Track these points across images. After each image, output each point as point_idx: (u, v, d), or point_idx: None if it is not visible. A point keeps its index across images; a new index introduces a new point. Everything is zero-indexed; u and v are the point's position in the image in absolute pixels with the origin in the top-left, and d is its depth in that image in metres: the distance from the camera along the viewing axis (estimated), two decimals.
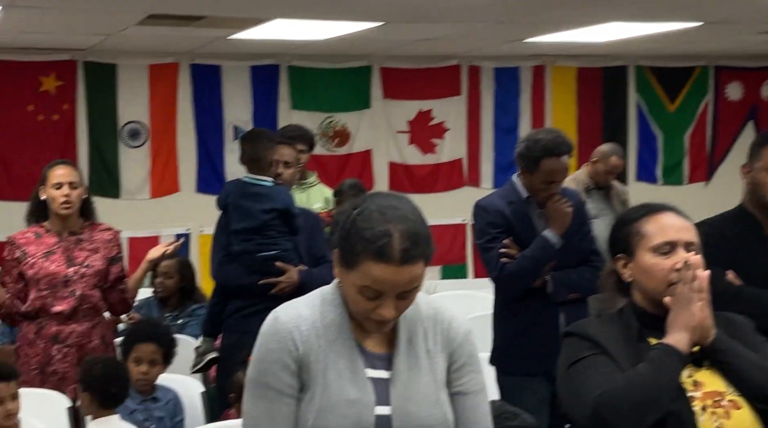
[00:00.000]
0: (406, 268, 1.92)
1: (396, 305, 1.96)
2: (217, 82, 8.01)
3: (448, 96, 8.61)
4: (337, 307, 2.05)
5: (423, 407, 2.01)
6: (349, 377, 2.00)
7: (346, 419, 1.97)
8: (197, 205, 7.74)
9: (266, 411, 2.01)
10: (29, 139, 7.47)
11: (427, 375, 2.05)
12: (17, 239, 4.12)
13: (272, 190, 4.28)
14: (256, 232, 4.23)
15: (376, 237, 1.91)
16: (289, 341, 2.01)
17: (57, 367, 4.00)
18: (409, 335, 2.06)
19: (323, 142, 8.19)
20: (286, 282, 4.19)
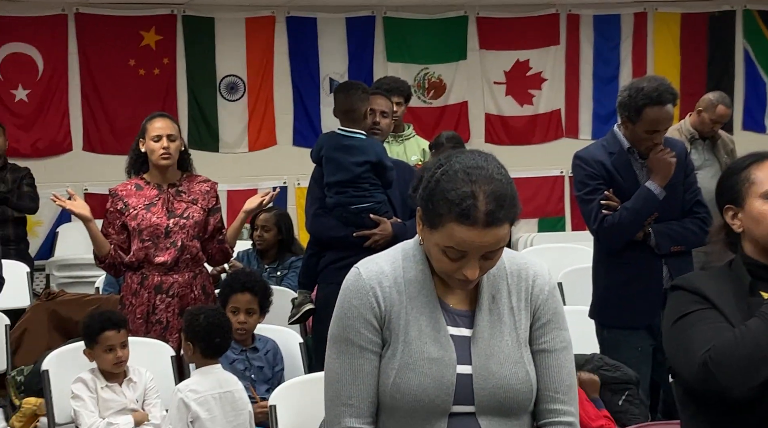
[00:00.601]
0: (491, 231, 1.88)
1: (480, 265, 1.92)
2: (312, 35, 8.00)
3: (546, 45, 8.42)
4: (418, 263, 2.02)
5: (505, 365, 1.98)
6: (430, 335, 1.97)
7: (427, 377, 1.94)
8: (294, 157, 7.79)
9: (349, 366, 1.99)
10: (131, 93, 7.61)
11: (510, 333, 2.01)
12: (119, 191, 4.19)
13: (365, 143, 4.26)
14: (349, 185, 4.22)
15: (461, 199, 1.87)
16: (371, 297, 1.99)
17: (160, 317, 4.08)
18: (492, 292, 2.03)
19: (419, 94, 8.14)
20: (380, 235, 4.19)
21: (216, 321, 3.55)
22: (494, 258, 1.95)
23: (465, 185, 1.88)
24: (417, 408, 1.94)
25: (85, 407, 3.54)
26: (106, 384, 3.61)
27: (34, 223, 7.39)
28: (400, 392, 1.95)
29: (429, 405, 1.94)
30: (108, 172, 7.32)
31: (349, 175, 4.21)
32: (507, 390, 1.96)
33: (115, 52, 7.60)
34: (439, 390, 1.94)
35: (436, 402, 1.94)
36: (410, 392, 1.94)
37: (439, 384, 1.94)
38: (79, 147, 7.65)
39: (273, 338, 3.99)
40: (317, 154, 4.34)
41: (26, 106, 7.49)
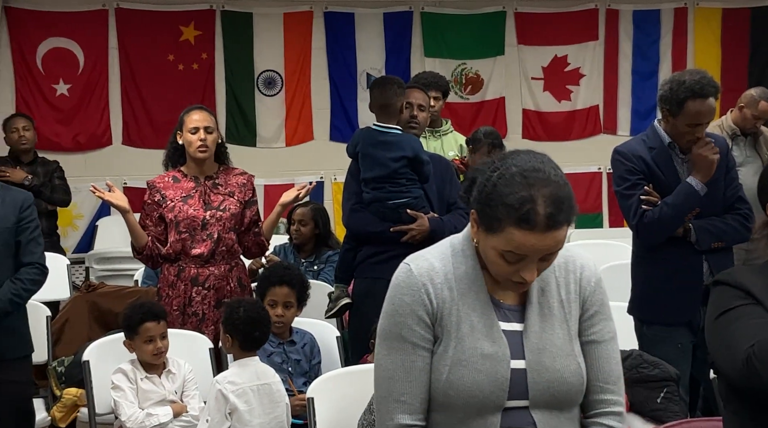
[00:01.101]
0: (550, 234, 1.87)
1: (537, 266, 1.92)
2: (350, 30, 8.01)
3: (585, 41, 8.38)
4: (468, 259, 2.02)
5: (557, 359, 1.97)
6: (482, 330, 1.97)
7: (481, 374, 1.94)
8: (330, 152, 7.81)
9: (401, 363, 1.99)
10: (170, 87, 7.67)
11: (560, 326, 2.00)
12: (157, 183, 4.22)
13: (401, 138, 4.25)
14: (386, 181, 4.22)
15: (520, 204, 1.86)
16: (423, 294, 1.99)
17: (197, 309, 4.11)
18: (541, 285, 2.02)
19: (456, 89, 8.12)
20: (417, 230, 4.18)
21: (255, 314, 3.56)
22: (551, 260, 1.94)
23: (523, 189, 1.87)
24: (471, 404, 1.94)
25: (124, 397, 3.57)
26: (145, 375, 3.64)
27: (75, 216, 7.49)
28: (453, 388, 1.94)
29: (483, 401, 1.94)
30: (147, 165, 7.37)
31: (386, 170, 4.20)
32: (560, 383, 1.96)
33: (154, 46, 7.67)
34: (494, 385, 1.94)
35: (490, 398, 1.94)
36: (464, 388, 1.94)
37: (494, 380, 1.94)
38: (119, 141, 7.73)
39: (310, 331, 4.00)
40: (353, 150, 4.34)
41: (67, 101, 7.58)
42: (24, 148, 6.34)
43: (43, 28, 7.47)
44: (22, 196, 3.82)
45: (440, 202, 4.34)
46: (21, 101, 7.46)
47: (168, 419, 3.58)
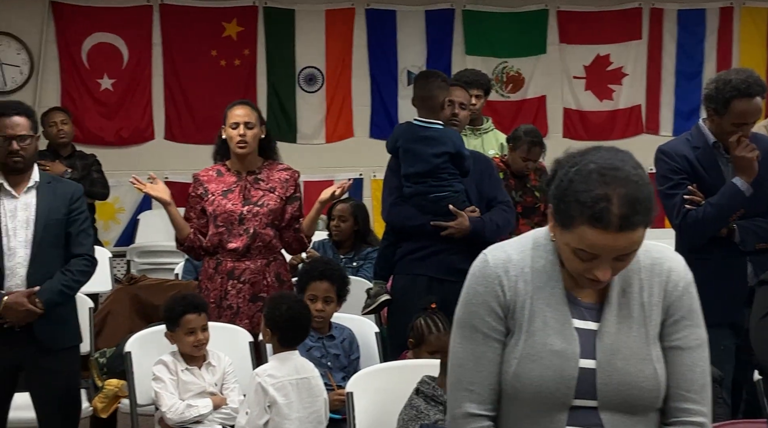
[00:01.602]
0: (624, 235, 1.82)
1: (612, 266, 1.88)
2: (391, 27, 8.02)
3: (628, 40, 8.32)
4: (548, 254, 1.99)
5: (630, 362, 1.93)
6: (554, 326, 1.95)
7: (548, 370, 1.92)
8: (370, 150, 7.82)
9: (472, 352, 1.99)
10: (212, 83, 7.73)
11: (638, 329, 1.96)
12: (200, 176, 4.26)
13: (443, 133, 4.24)
14: (428, 176, 4.21)
15: (594, 202, 1.81)
16: (496, 285, 1.98)
17: (231, 302, 4.13)
18: (623, 286, 1.98)
19: (497, 88, 8.10)
20: (456, 229, 4.16)
21: (297, 312, 3.55)
22: (627, 260, 1.90)
23: (599, 187, 1.82)
24: (537, 400, 1.93)
25: (165, 389, 3.60)
26: (186, 367, 3.66)
27: (116, 210, 7.58)
28: (520, 382, 1.94)
29: (549, 398, 1.92)
30: (188, 161, 7.44)
31: (428, 166, 4.20)
32: (632, 386, 1.92)
33: (197, 42, 7.73)
34: (560, 383, 1.92)
35: (556, 395, 1.92)
36: (531, 383, 1.93)
37: (560, 377, 1.92)
38: (161, 136, 7.80)
39: (349, 327, 4.00)
40: (393, 145, 4.33)
41: (111, 95, 7.66)
42: (62, 141, 6.41)
43: (88, 24, 7.56)
44: (72, 187, 3.88)
45: (479, 198, 4.33)
46: (66, 95, 7.55)
47: (208, 411, 3.60)
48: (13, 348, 3.70)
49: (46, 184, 3.80)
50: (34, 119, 3.81)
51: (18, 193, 3.75)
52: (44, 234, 3.72)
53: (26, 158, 3.73)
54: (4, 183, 3.74)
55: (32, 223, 3.71)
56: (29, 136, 3.75)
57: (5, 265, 3.69)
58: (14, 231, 3.70)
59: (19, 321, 3.67)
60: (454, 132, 4.33)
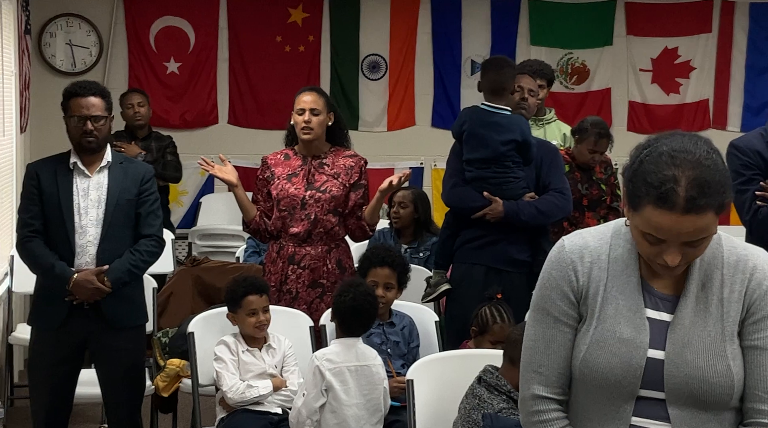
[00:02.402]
0: (690, 218, 1.79)
1: (683, 252, 1.85)
2: (456, 16, 7.98)
3: (697, 33, 8.18)
4: (627, 242, 1.98)
5: (701, 356, 1.90)
6: (626, 314, 1.94)
7: (615, 357, 1.92)
8: (432, 138, 7.81)
9: (542, 335, 2.01)
10: (276, 69, 7.78)
11: (714, 324, 1.93)
12: (269, 159, 4.29)
13: (511, 120, 4.22)
14: (492, 162, 4.20)
15: (660, 182, 1.80)
16: (570, 270, 1.99)
17: (291, 287, 4.15)
18: (703, 280, 1.95)
19: (561, 79, 8.02)
20: (490, 214, 4.15)
21: (361, 304, 3.55)
22: (699, 247, 1.86)
23: (667, 168, 1.81)
24: (604, 387, 1.93)
25: (226, 369, 3.64)
26: (247, 348, 3.70)
27: (179, 193, 7.66)
28: (588, 368, 1.94)
29: (616, 386, 1.92)
30: (251, 145, 7.52)
31: (494, 153, 4.18)
32: (700, 381, 1.90)
33: (263, 27, 7.77)
34: (626, 371, 1.91)
35: (622, 383, 1.92)
36: (598, 370, 1.93)
37: (627, 366, 1.91)
38: (225, 120, 7.87)
39: (409, 315, 4.00)
40: (459, 129, 4.30)
41: (177, 78, 7.75)
42: (139, 123, 6.50)
43: (157, 7, 7.65)
44: (143, 168, 3.94)
45: (536, 184, 4.31)
46: (133, 78, 7.65)
47: (267, 391, 3.63)
48: (81, 325, 3.77)
49: (118, 165, 3.86)
50: (109, 100, 3.87)
51: (91, 172, 3.81)
52: (115, 213, 3.77)
53: (100, 138, 3.79)
54: (77, 162, 3.81)
55: (104, 203, 3.77)
56: (103, 116, 3.80)
57: (77, 243, 3.75)
58: (86, 210, 3.77)
59: (88, 299, 3.73)
60: (522, 119, 4.30)
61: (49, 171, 3.80)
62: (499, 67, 4.26)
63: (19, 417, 5.10)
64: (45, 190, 3.76)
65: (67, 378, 3.85)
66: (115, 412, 3.91)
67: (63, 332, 3.76)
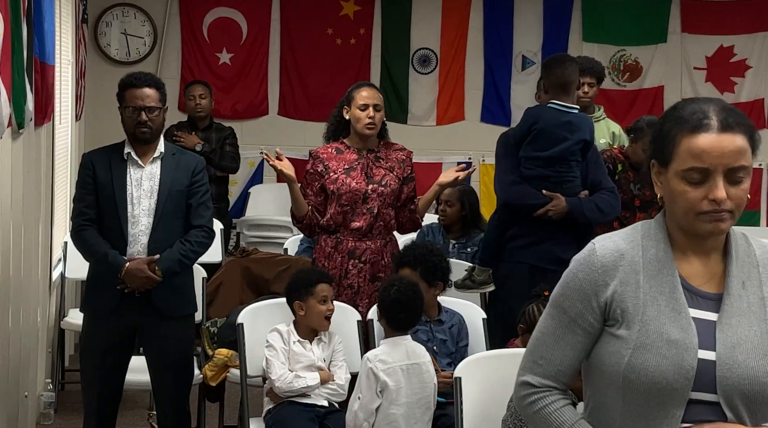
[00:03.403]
0: (727, 136, 1.86)
1: (728, 192, 1.86)
2: (509, 11, 7.95)
3: (754, 31, 8.06)
4: (660, 242, 1.97)
5: (752, 356, 1.88)
6: (670, 315, 1.91)
7: (666, 360, 1.88)
8: (481, 134, 7.79)
9: (554, 331, 2.01)
10: (327, 61, 7.81)
11: (759, 323, 1.91)
12: (320, 153, 4.27)
13: (582, 119, 4.26)
14: (559, 161, 4.21)
15: (691, 114, 1.90)
16: (598, 276, 1.96)
17: (352, 281, 4.15)
18: (742, 278, 1.94)
19: (613, 76, 7.95)
20: (553, 210, 4.16)
21: (404, 296, 3.56)
22: (741, 185, 1.88)
23: (695, 105, 1.92)
24: (653, 392, 1.89)
25: (276, 357, 3.65)
26: (299, 339, 3.71)
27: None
28: (635, 373, 1.90)
29: (667, 389, 1.88)
30: (300, 137, 7.56)
31: (565, 152, 4.19)
32: (753, 382, 1.88)
33: (314, 20, 7.81)
34: (678, 373, 1.87)
35: (674, 386, 1.88)
36: (647, 373, 1.89)
37: (679, 368, 1.87)
38: (275, 111, 7.92)
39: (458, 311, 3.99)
40: (528, 127, 4.28)
41: (229, 69, 7.81)
42: (199, 115, 6.59)
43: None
44: (195, 160, 3.98)
45: (584, 183, 4.32)
46: (186, 68, 7.74)
47: (315, 383, 3.64)
48: (131, 313, 3.82)
49: (171, 156, 3.90)
50: (163, 91, 3.91)
51: (144, 162, 3.86)
52: (166, 204, 3.82)
53: (153, 129, 3.83)
54: (131, 152, 3.86)
55: (156, 193, 3.82)
56: (157, 107, 3.84)
57: (129, 232, 3.80)
58: (138, 200, 3.81)
59: (139, 287, 3.78)
60: (589, 118, 4.38)
61: (104, 161, 3.85)
62: (563, 64, 4.28)
63: (69, 401, 5.19)
64: (99, 180, 3.82)
65: (118, 365, 3.90)
66: (164, 399, 3.96)
67: (114, 320, 3.82)
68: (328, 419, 3.63)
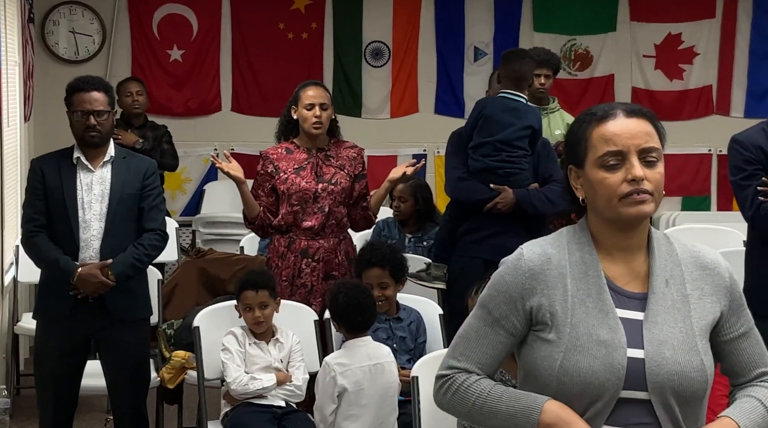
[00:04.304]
0: (633, 120, 1.97)
1: (645, 174, 1.94)
2: (459, 3, 7.96)
3: (701, 18, 8.15)
4: (584, 245, 2.02)
5: (678, 352, 1.94)
6: (598, 316, 1.96)
7: (597, 360, 1.92)
8: (435, 126, 7.80)
9: (477, 330, 2.04)
10: (279, 56, 7.77)
11: (683, 320, 1.97)
12: (270, 154, 4.28)
13: (529, 109, 4.37)
14: (507, 146, 4.26)
15: (598, 109, 2.01)
16: (525, 279, 2.01)
17: (305, 280, 4.17)
18: (666, 277, 2.00)
19: (564, 65, 7.99)
20: (502, 202, 4.21)
21: (355, 300, 3.58)
22: (656, 167, 1.96)
23: (601, 105, 2.04)
24: (586, 392, 1.93)
25: (232, 360, 3.66)
26: (254, 341, 3.72)
27: (183, 180, 7.68)
28: (568, 375, 1.93)
29: (599, 389, 1.92)
30: (254, 133, 7.52)
31: (511, 136, 4.25)
32: (682, 377, 1.93)
33: (265, 15, 7.75)
34: (610, 373, 1.92)
35: (606, 385, 1.92)
36: (579, 374, 1.93)
37: (610, 368, 1.92)
38: (228, 107, 7.86)
39: (415, 308, 4.01)
40: (477, 115, 4.35)
41: (180, 66, 7.74)
42: (136, 111, 6.51)
43: None
44: (146, 163, 3.96)
45: (535, 176, 4.38)
46: (136, 65, 7.65)
47: (271, 384, 3.64)
48: (85, 319, 3.79)
49: (122, 159, 3.88)
50: (112, 95, 3.88)
51: (94, 166, 3.83)
52: (118, 208, 3.79)
53: (103, 133, 3.81)
54: (81, 156, 3.83)
55: (107, 197, 3.80)
56: (106, 111, 3.82)
57: (81, 237, 3.77)
58: (90, 205, 3.79)
59: (92, 293, 3.76)
60: (536, 109, 4.44)
61: (53, 166, 3.82)
62: (522, 59, 4.40)
63: (25, 406, 5.14)
64: (49, 185, 3.78)
65: (73, 371, 3.88)
66: (121, 403, 3.94)
67: (68, 325, 3.79)
68: (286, 419, 3.64)
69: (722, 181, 8.06)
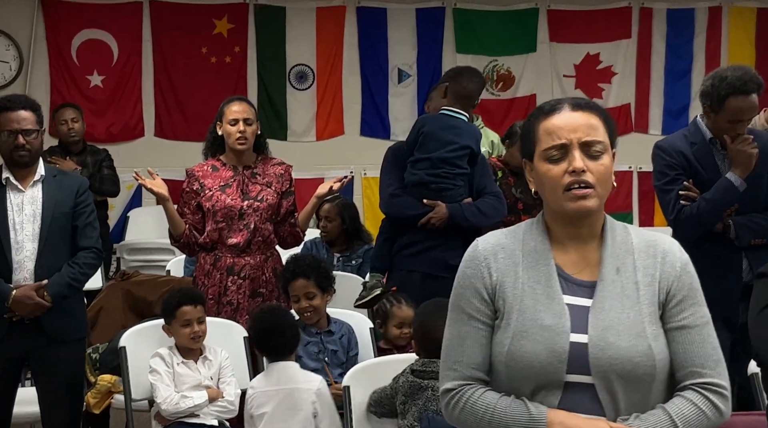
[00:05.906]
0: (578, 113, 2.01)
1: (587, 166, 1.97)
2: (382, 25, 8.02)
3: (617, 39, 8.35)
4: (538, 235, 2.06)
5: (623, 337, 1.96)
6: (545, 303, 1.99)
7: (539, 344, 1.96)
8: (361, 147, 7.83)
9: (457, 333, 2.06)
10: (202, 80, 7.71)
11: (632, 307, 1.99)
12: (195, 171, 4.25)
13: (470, 128, 4.35)
14: (445, 163, 4.26)
15: (546, 104, 2.07)
16: (483, 268, 2.04)
17: (231, 298, 4.13)
18: (617, 265, 2.02)
19: (487, 86, 8.10)
20: (435, 217, 4.21)
21: (270, 325, 3.59)
22: (600, 160, 1.99)
23: (552, 100, 2.09)
24: (531, 377, 1.96)
25: (161, 381, 3.60)
26: (182, 360, 3.67)
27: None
28: (513, 359, 1.97)
29: (542, 372, 1.95)
30: (179, 157, 7.41)
31: (450, 154, 4.25)
32: (625, 361, 1.94)
33: (187, 39, 7.71)
34: (552, 356, 1.95)
35: (548, 369, 1.95)
36: (523, 359, 1.96)
37: (552, 351, 1.95)
38: (151, 133, 7.77)
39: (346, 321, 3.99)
40: (417, 132, 4.35)
41: (101, 92, 7.63)
42: (73, 139, 6.39)
43: (78, 20, 7.52)
44: (78, 180, 3.90)
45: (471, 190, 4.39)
46: (55, 92, 7.52)
47: (203, 401, 3.59)
48: (21, 340, 3.72)
49: (52, 178, 3.81)
50: (40, 113, 3.82)
51: (24, 186, 3.76)
52: (51, 227, 3.72)
53: (32, 152, 3.74)
54: (10, 177, 3.75)
55: (39, 217, 3.73)
56: (35, 130, 3.75)
57: (13, 259, 3.69)
58: (21, 225, 3.71)
59: (28, 315, 3.69)
60: (477, 129, 4.43)
61: None
62: (472, 78, 4.41)
63: None
64: None
65: (4, 397, 3.77)
66: None
67: (2, 348, 3.71)
68: None
69: (643, 198, 8.23)
